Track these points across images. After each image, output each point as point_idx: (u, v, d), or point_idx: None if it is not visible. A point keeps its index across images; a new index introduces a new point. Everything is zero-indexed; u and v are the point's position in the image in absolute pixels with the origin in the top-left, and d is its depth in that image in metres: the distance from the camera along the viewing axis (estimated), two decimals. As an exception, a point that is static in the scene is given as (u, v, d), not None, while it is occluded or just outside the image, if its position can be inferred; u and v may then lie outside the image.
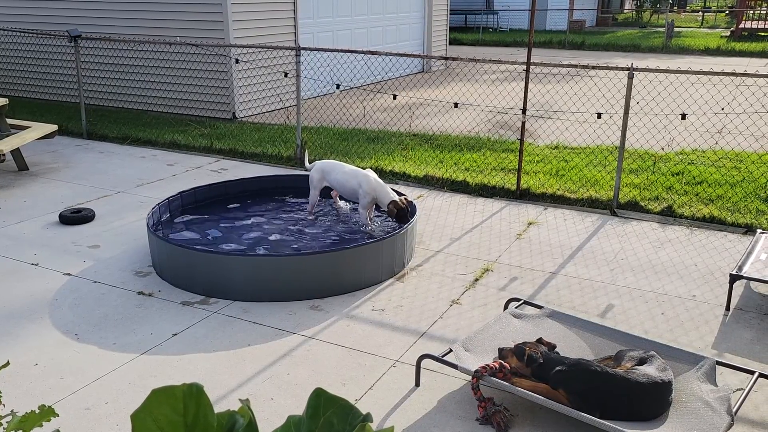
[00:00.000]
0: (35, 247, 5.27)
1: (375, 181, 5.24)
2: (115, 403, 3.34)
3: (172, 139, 8.56)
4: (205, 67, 9.76)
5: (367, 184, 5.21)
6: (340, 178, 5.39)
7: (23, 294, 4.50)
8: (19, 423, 1.35)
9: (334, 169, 5.46)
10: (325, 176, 5.51)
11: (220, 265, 4.42)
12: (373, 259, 4.61)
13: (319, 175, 5.52)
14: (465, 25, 26.91)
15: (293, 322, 4.14)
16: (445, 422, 3.21)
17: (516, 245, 5.39)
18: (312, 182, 5.56)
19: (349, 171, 5.38)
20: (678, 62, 16.80)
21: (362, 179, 5.25)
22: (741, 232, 5.68)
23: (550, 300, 4.47)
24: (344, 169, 5.42)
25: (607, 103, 8.61)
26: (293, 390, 3.46)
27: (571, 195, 6.48)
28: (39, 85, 11.42)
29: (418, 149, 8.09)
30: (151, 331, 4.02)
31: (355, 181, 5.28)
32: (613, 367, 3.24)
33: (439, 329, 4.08)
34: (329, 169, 5.48)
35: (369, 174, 5.30)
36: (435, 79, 13.92)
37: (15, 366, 3.64)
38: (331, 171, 5.46)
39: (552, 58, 17.61)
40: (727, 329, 4.11)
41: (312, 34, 11.36)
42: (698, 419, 2.99)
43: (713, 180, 6.83)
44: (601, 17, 31.62)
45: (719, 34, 24.60)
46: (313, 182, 5.56)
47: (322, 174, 5.51)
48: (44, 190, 6.71)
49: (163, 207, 5.48)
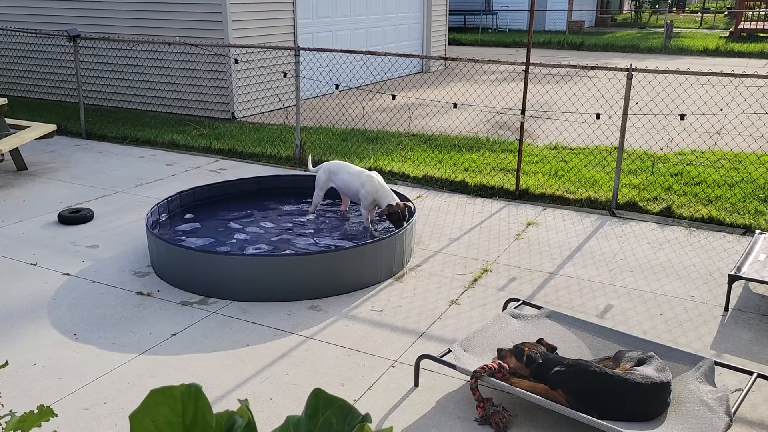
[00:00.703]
0: (34, 247, 5.27)
1: (378, 183, 5.24)
2: (113, 404, 3.33)
3: (171, 139, 8.55)
4: (204, 67, 9.76)
5: (370, 185, 5.22)
6: (345, 179, 5.40)
7: (22, 294, 4.50)
8: (17, 423, 1.35)
9: (340, 170, 5.46)
10: (331, 177, 5.51)
11: (219, 265, 4.41)
12: (372, 260, 4.61)
13: (326, 176, 5.53)
14: (464, 26, 26.92)
15: (292, 323, 4.13)
16: (444, 422, 3.21)
17: (515, 245, 5.39)
18: (318, 183, 5.56)
19: (354, 172, 5.39)
20: (677, 63, 16.81)
21: (365, 180, 5.25)
22: (740, 233, 5.69)
23: (549, 300, 4.47)
24: (350, 170, 5.42)
25: (606, 103, 8.62)
26: (292, 390, 3.46)
27: (570, 195, 6.48)
28: (38, 85, 11.42)
29: (417, 149, 8.10)
30: (149, 331, 4.02)
31: (358, 182, 5.28)
32: (612, 367, 3.24)
33: (438, 329, 4.08)
34: (336, 170, 5.49)
35: (372, 175, 5.30)
36: (434, 79, 13.93)
37: (14, 366, 3.64)
38: (338, 172, 5.47)
39: (551, 59, 17.62)
40: (726, 330, 4.12)
41: (311, 34, 11.36)
42: (697, 420, 3.00)
43: (712, 181, 6.83)
44: (600, 18, 31.64)
45: (718, 35, 24.63)
46: (319, 183, 5.55)
47: (329, 175, 5.52)
48: (43, 189, 6.70)
49: (162, 207, 5.47)
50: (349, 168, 5.45)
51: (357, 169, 5.41)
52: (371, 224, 5.38)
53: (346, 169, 5.45)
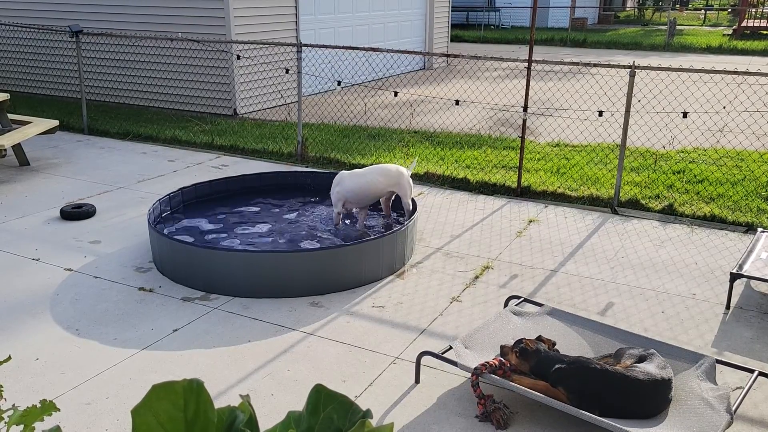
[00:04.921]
0: (36, 242, 5.27)
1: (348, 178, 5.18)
2: (115, 398, 3.34)
3: (173, 135, 8.56)
4: (206, 63, 9.76)
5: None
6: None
7: (24, 289, 4.51)
8: (20, 417, 1.35)
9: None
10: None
11: (220, 261, 4.42)
12: (373, 256, 4.61)
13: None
14: (467, 23, 26.87)
15: (293, 319, 4.14)
16: (445, 419, 3.22)
17: (516, 243, 5.39)
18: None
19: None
20: (680, 60, 16.77)
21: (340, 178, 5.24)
22: (742, 231, 5.68)
23: (551, 298, 4.47)
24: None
25: (608, 100, 8.60)
26: (293, 386, 3.46)
27: (571, 193, 6.48)
28: (40, 81, 11.42)
29: (419, 146, 8.09)
30: (151, 327, 4.03)
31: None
32: (613, 365, 3.24)
33: (439, 326, 4.09)
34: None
35: (343, 173, 5.27)
36: (436, 76, 13.91)
37: (16, 361, 3.65)
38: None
39: (553, 56, 17.60)
40: (727, 328, 4.12)
41: (313, 31, 11.35)
42: (698, 417, 3.00)
43: (714, 178, 6.82)
44: (603, 15, 31.57)
45: (721, 33, 24.56)
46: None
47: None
48: (45, 185, 6.71)
49: (164, 203, 5.48)
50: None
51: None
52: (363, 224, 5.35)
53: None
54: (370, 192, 5.15)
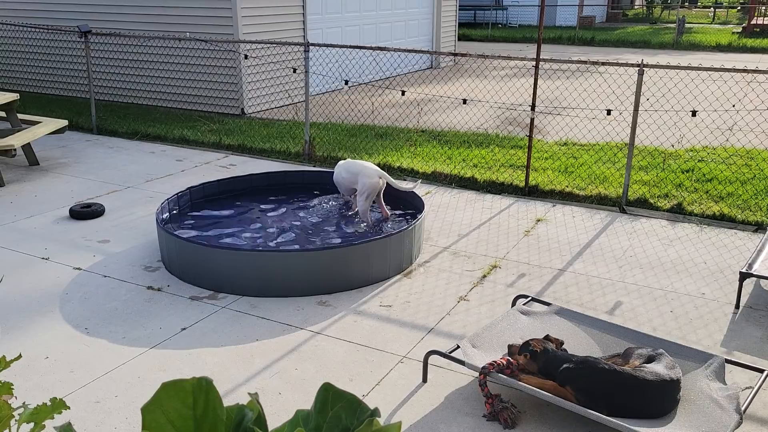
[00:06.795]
0: (46, 242, 5.31)
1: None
2: (124, 397, 3.36)
3: (181, 134, 8.59)
4: (214, 63, 9.78)
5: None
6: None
7: (34, 288, 4.54)
8: (31, 415, 1.36)
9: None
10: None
11: (228, 260, 4.43)
12: (380, 256, 4.61)
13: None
14: (474, 21, 26.83)
15: (301, 318, 4.15)
16: (452, 418, 3.22)
17: (524, 242, 5.38)
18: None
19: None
20: (689, 58, 16.68)
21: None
22: (751, 230, 5.65)
23: (558, 297, 4.46)
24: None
25: (616, 99, 8.57)
26: (301, 385, 3.47)
27: (579, 192, 6.46)
28: (49, 81, 11.48)
29: (426, 145, 8.09)
30: (160, 326, 4.05)
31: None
32: (621, 364, 3.23)
33: (447, 325, 4.09)
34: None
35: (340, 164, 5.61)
36: (444, 75, 13.89)
37: (26, 359, 3.67)
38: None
39: (561, 54, 17.55)
40: (737, 327, 4.09)
41: (320, 30, 11.36)
42: (707, 417, 2.98)
43: (723, 177, 6.79)
44: (611, 13, 31.45)
45: (731, 30, 24.42)
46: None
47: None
48: (54, 184, 6.75)
49: (173, 202, 5.50)
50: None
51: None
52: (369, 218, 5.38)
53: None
54: (340, 184, 5.57)
